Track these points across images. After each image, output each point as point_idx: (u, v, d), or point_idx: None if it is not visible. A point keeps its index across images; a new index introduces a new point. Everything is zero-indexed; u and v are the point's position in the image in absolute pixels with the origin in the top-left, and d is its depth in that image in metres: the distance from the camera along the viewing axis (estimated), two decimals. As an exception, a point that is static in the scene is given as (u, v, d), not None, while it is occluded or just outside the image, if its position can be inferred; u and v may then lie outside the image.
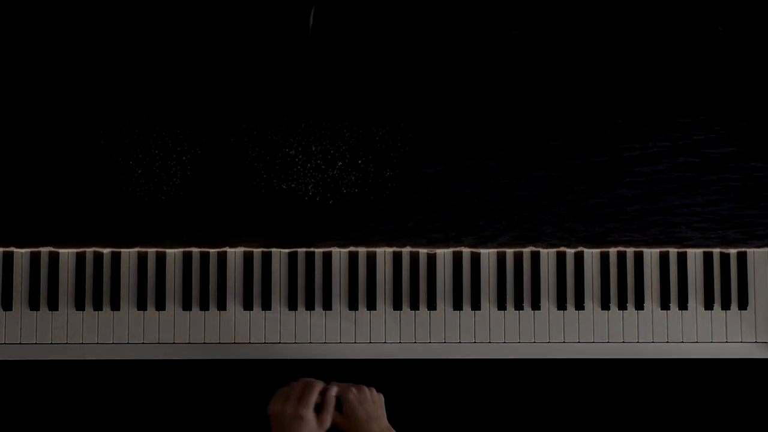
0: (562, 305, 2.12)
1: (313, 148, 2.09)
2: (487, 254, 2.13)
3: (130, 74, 2.09)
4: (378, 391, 2.00)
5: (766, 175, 2.11)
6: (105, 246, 2.08)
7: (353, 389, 1.93)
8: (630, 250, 2.13)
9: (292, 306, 2.10)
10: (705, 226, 2.10)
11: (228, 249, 2.10)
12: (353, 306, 2.11)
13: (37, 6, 2.10)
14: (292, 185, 2.06)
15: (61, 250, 2.09)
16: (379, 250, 2.12)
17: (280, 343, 2.10)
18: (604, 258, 2.13)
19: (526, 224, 2.09)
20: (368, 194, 2.06)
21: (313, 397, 1.86)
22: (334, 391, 1.90)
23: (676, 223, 2.10)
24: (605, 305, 2.12)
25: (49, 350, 2.08)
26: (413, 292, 2.11)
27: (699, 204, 2.11)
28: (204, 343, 2.09)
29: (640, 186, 2.10)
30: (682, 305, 2.12)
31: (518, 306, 2.12)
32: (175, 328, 2.09)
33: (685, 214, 2.11)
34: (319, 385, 1.88)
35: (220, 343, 2.10)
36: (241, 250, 2.10)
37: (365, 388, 1.95)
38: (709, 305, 2.12)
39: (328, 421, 1.88)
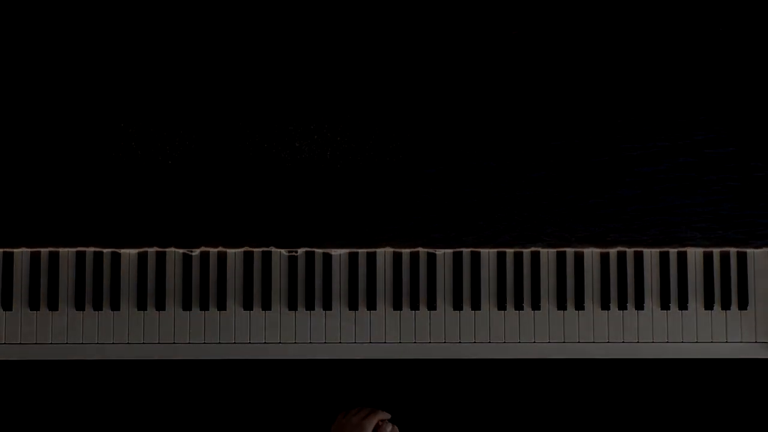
0: (562, 305, 2.12)
1: (315, 141, 2.09)
2: (487, 254, 2.13)
3: (126, 74, 2.09)
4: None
5: (766, 175, 2.11)
6: (105, 245, 2.08)
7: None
8: (630, 250, 2.13)
9: (292, 306, 2.10)
10: (705, 226, 2.10)
11: (228, 249, 2.10)
12: (353, 306, 2.11)
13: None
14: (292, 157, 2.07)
15: (61, 250, 2.09)
16: (379, 250, 2.12)
17: (280, 343, 2.10)
18: (604, 258, 2.13)
19: (526, 224, 2.09)
20: (372, 158, 2.06)
21: (376, 420, 2.02)
22: (393, 429, 2.06)
23: (676, 223, 2.10)
24: (605, 305, 2.12)
25: (49, 350, 2.08)
26: (413, 292, 2.11)
27: (699, 204, 2.11)
28: (204, 343, 2.09)
29: (640, 186, 2.10)
30: (682, 305, 2.12)
31: (518, 306, 2.12)
32: (175, 328, 2.09)
33: (685, 214, 2.11)
34: (382, 415, 2.04)
35: (220, 343, 2.10)
36: (241, 250, 2.10)
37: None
38: (709, 305, 2.12)
39: None
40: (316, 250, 2.11)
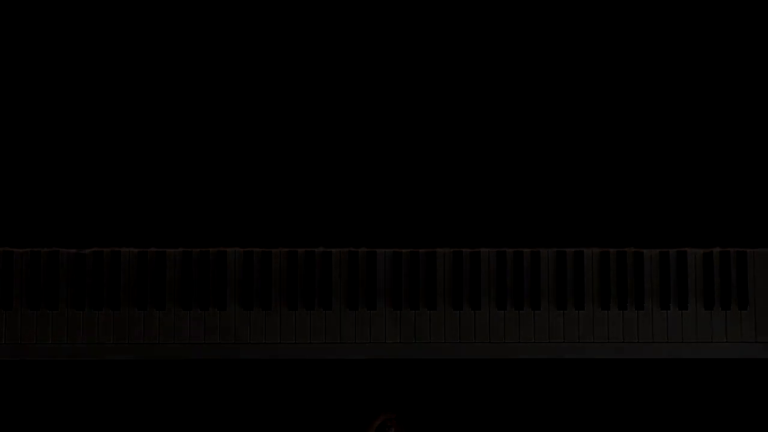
0: (562, 305, 2.11)
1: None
2: (488, 254, 2.13)
3: (127, 71, 2.10)
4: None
5: (766, 175, 2.11)
6: (105, 245, 2.08)
7: None
8: (630, 250, 2.13)
9: (292, 306, 2.10)
10: (705, 226, 2.10)
11: (228, 249, 2.10)
12: (353, 306, 2.11)
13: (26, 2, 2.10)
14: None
15: (61, 250, 2.09)
16: (379, 251, 2.12)
17: (280, 343, 2.10)
18: (604, 258, 2.13)
19: (526, 224, 2.10)
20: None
21: (376, 424, 2.02)
22: (399, 429, 2.01)
23: (677, 222, 2.11)
24: (605, 305, 2.12)
25: (49, 350, 2.08)
26: (413, 291, 2.11)
27: (699, 203, 2.11)
28: (204, 343, 2.09)
29: (640, 185, 2.10)
30: (682, 305, 2.12)
31: (518, 306, 2.12)
32: (174, 328, 2.09)
33: (686, 213, 2.11)
34: (385, 416, 2.05)
35: (220, 343, 2.10)
36: (241, 250, 2.10)
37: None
38: (709, 305, 2.12)
39: None
40: (316, 250, 2.11)
